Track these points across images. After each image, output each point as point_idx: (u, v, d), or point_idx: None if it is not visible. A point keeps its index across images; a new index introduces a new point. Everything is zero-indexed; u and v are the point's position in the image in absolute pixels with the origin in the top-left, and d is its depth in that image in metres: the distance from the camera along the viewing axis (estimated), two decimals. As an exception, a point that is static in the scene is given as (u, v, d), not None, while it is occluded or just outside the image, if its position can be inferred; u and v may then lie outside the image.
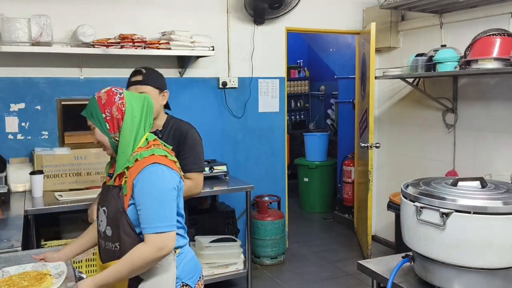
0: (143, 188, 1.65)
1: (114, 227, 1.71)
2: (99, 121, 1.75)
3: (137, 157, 1.69)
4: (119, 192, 1.70)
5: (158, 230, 1.63)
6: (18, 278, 1.64)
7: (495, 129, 3.73)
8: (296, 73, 8.21)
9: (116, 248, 1.70)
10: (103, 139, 1.76)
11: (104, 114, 1.74)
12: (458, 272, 1.60)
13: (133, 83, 2.36)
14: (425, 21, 4.29)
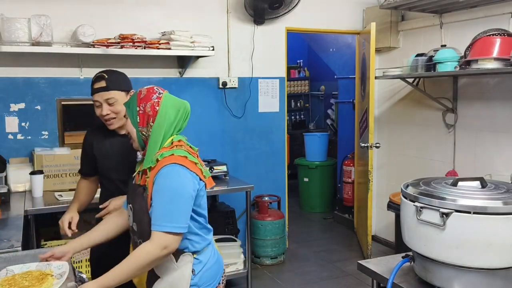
0: (158, 187, 1.69)
1: (139, 224, 1.79)
2: (132, 112, 1.82)
3: (158, 157, 1.73)
4: (144, 192, 1.76)
5: (165, 230, 1.65)
6: (20, 277, 1.65)
7: (495, 129, 3.73)
8: (296, 73, 8.21)
9: (141, 243, 1.74)
10: (132, 130, 1.83)
11: (138, 107, 1.80)
12: (458, 272, 1.59)
13: (97, 90, 2.22)
14: (425, 21, 4.29)
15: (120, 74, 2.34)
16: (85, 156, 2.46)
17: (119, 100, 2.22)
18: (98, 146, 2.35)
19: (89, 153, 2.40)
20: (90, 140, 2.40)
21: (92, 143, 2.38)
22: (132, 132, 1.84)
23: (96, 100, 2.24)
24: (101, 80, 2.22)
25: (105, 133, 2.34)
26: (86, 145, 2.44)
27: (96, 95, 2.23)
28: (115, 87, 2.25)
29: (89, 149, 2.40)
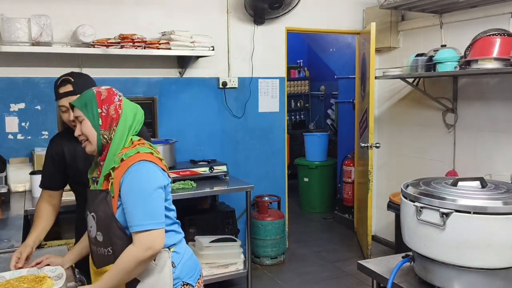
0: (129, 186, 1.63)
1: (105, 232, 1.68)
2: (92, 114, 1.71)
3: (123, 157, 1.67)
4: (107, 196, 1.67)
5: (145, 228, 1.60)
6: (17, 281, 1.64)
7: (495, 129, 3.73)
8: (296, 73, 8.21)
9: (109, 253, 1.68)
10: (91, 133, 1.72)
11: (100, 109, 1.72)
12: (458, 272, 1.59)
13: (64, 94, 2.10)
14: (425, 21, 4.28)
15: (85, 76, 2.23)
16: (52, 167, 2.26)
17: None
18: (69, 152, 2.22)
19: (58, 161, 2.23)
20: (58, 147, 2.24)
21: (61, 150, 2.23)
22: (91, 135, 1.72)
23: (63, 105, 2.11)
24: (67, 84, 2.11)
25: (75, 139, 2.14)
26: (53, 154, 2.25)
27: (63, 100, 2.11)
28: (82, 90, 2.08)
29: (59, 157, 2.23)
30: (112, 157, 1.69)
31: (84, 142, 1.75)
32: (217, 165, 3.90)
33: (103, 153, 1.73)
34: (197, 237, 3.78)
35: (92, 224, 1.73)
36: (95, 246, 1.74)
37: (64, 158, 2.22)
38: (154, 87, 4.04)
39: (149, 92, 4.02)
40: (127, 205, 1.63)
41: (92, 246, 1.78)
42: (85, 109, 1.72)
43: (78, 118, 1.74)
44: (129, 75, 3.94)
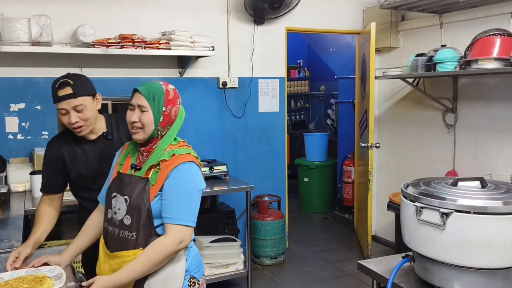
0: (178, 181, 1.73)
1: (135, 217, 1.74)
2: (157, 110, 1.78)
3: (174, 152, 1.77)
4: (146, 185, 1.75)
5: (184, 223, 1.70)
6: (16, 282, 1.64)
7: (495, 129, 3.73)
8: (296, 73, 8.21)
9: (133, 238, 1.73)
10: (150, 125, 1.77)
11: (165, 108, 1.79)
12: (458, 272, 1.59)
13: (64, 97, 2.04)
14: (425, 21, 4.28)
15: (84, 78, 2.18)
16: (51, 171, 2.21)
17: (88, 106, 2.08)
18: (69, 155, 2.19)
19: (57, 165, 2.20)
20: (57, 151, 2.20)
21: (61, 154, 2.19)
22: (148, 127, 1.77)
23: (62, 108, 2.06)
24: (66, 87, 2.04)
25: (74, 141, 2.20)
26: (52, 158, 2.20)
27: (63, 103, 2.05)
28: (82, 92, 2.07)
29: (59, 162, 2.19)
30: (160, 150, 1.78)
31: (136, 129, 1.79)
32: (217, 165, 3.90)
33: (148, 145, 1.81)
34: (197, 237, 3.78)
35: (121, 207, 1.77)
36: (118, 228, 1.78)
37: (64, 162, 2.19)
38: (154, 87, 4.03)
39: (149, 92, 4.01)
40: (171, 198, 1.72)
41: (111, 228, 1.81)
42: (152, 102, 1.77)
43: (141, 107, 1.77)
44: (129, 75, 3.94)
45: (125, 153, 1.91)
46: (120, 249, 1.75)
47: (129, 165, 1.85)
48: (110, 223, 1.82)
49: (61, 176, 2.21)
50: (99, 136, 2.20)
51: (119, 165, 1.89)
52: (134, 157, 1.87)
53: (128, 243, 1.74)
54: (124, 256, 1.73)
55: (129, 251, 1.73)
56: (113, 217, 1.81)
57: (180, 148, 1.81)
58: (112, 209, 1.82)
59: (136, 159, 1.85)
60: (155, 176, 1.75)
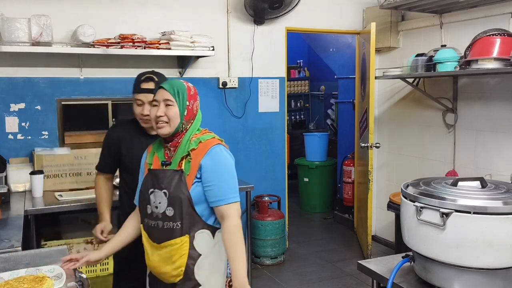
0: (216, 165, 1.86)
1: (177, 207, 1.86)
2: (182, 104, 1.89)
3: (200, 139, 1.89)
4: (182, 175, 1.86)
5: (236, 200, 1.87)
6: (16, 281, 1.63)
7: (495, 129, 3.73)
8: (296, 73, 8.21)
9: (178, 227, 1.86)
10: (175, 119, 1.88)
11: (188, 102, 1.91)
12: (458, 272, 1.59)
13: (146, 90, 2.30)
14: (425, 21, 4.28)
15: (163, 76, 2.42)
16: (107, 152, 2.49)
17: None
18: (126, 144, 2.41)
19: (113, 149, 2.44)
20: (117, 136, 2.45)
21: (119, 139, 2.42)
22: (174, 120, 1.88)
23: (140, 99, 2.30)
24: (150, 81, 2.30)
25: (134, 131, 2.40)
26: (110, 141, 2.47)
27: (142, 95, 2.29)
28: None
29: (115, 145, 2.43)
30: (187, 142, 1.90)
31: (162, 123, 1.88)
32: (217, 165, 3.89)
33: (174, 139, 1.92)
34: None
35: (162, 200, 1.88)
36: (162, 220, 1.89)
37: (120, 149, 2.42)
38: (154, 87, 4.03)
39: (149, 92, 4.01)
40: (215, 182, 1.85)
41: (153, 222, 1.92)
42: (178, 97, 1.89)
43: (167, 101, 1.88)
44: (129, 75, 3.92)
45: (151, 154, 2.01)
46: (167, 239, 1.87)
47: (158, 163, 1.95)
48: (151, 217, 1.92)
49: (114, 160, 2.46)
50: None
51: (148, 165, 1.99)
52: (161, 154, 1.96)
53: (174, 232, 1.86)
54: (172, 245, 1.86)
55: (176, 239, 1.85)
56: (153, 211, 1.91)
57: (204, 135, 1.93)
58: (151, 204, 1.92)
59: (164, 156, 1.95)
60: (188, 166, 1.86)
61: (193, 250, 1.87)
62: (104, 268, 3.52)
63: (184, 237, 1.86)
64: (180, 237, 1.86)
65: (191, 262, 1.87)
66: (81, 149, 3.66)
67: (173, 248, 1.86)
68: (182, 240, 1.86)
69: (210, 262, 1.91)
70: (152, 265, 1.94)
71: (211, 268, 1.91)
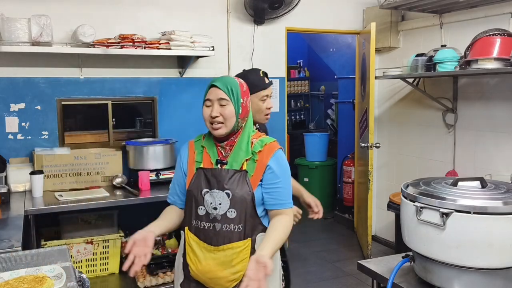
0: (283, 168, 1.85)
1: (240, 209, 1.80)
2: (236, 102, 1.84)
3: (265, 142, 1.86)
4: (246, 177, 1.82)
5: (292, 205, 1.88)
6: (16, 282, 1.63)
7: (495, 129, 3.73)
8: (296, 73, 8.20)
9: (239, 230, 1.81)
10: (231, 118, 1.82)
11: (242, 99, 1.86)
12: (458, 272, 1.59)
13: (270, 84, 2.41)
14: (425, 21, 4.29)
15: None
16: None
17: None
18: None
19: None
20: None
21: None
22: (230, 120, 1.82)
23: (267, 94, 2.36)
24: (265, 76, 2.38)
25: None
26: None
27: (268, 90, 2.36)
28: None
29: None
30: (246, 143, 1.85)
31: (218, 124, 1.83)
32: (217, 165, 3.89)
33: (230, 139, 1.87)
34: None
35: (223, 201, 1.81)
36: (221, 223, 1.81)
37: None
38: (154, 87, 4.03)
39: (149, 92, 4.02)
40: (280, 185, 1.83)
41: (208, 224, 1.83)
42: (232, 95, 1.83)
43: (222, 101, 1.83)
44: (129, 75, 3.94)
45: (199, 151, 1.93)
46: (227, 242, 1.81)
47: (209, 161, 1.87)
48: (206, 219, 1.83)
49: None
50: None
51: (196, 163, 1.90)
52: (214, 152, 1.89)
53: (234, 235, 1.80)
54: (234, 248, 1.80)
55: (238, 242, 1.80)
56: (211, 212, 1.82)
57: (264, 137, 1.90)
58: (207, 205, 1.83)
59: (217, 154, 1.88)
60: (253, 167, 1.82)
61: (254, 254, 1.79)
62: (104, 268, 3.52)
63: (247, 240, 1.81)
64: (243, 240, 1.80)
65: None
66: (81, 149, 3.66)
67: (235, 251, 1.79)
68: (245, 244, 1.80)
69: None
70: (206, 269, 1.83)
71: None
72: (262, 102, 2.35)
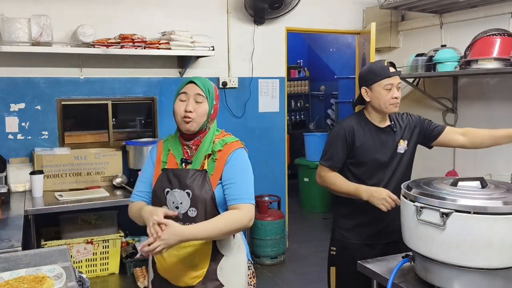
0: (238, 166, 1.86)
1: (200, 208, 1.81)
2: (211, 102, 1.88)
3: (226, 141, 1.90)
4: (206, 176, 1.83)
5: (252, 202, 1.87)
6: (16, 281, 1.63)
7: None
8: (296, 73, 8.20)
9: None
10: (203, 117, 1.86)
11: (215, 101, 1.91)
12: (458, 272, 1.59)
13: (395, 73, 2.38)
14: (425, 21, 4.28)
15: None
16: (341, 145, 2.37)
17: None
18: (359, 135, 2.36)
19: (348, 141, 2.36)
20: (351, 128, 2.38)
21: (353, 132, 2.37)
22: (201, 118, 1.84)
23: (391, 83, 2.34)
24: (391, 66, 2.36)
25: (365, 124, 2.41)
26: (345, 133, 2.37)
27: (392, 78, 2.35)
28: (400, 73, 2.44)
29: (350, 136, 2.36)
30: (209, 143, 1.89)
31: (189, 119, 1.83)
32: (217, 165, 3.89)
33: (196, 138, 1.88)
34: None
35: (184, 200, 1.83)
36: (183, 221, 1.81)
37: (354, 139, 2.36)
38: (154, 87, 4.04)
39: (149, 92, 4.02)
40: (235, 181, 1.85)
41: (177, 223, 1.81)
42: (208, 95, 1.87)
43: (199, 97, 1.85)
44: (129, 75, 3.94)
45: (165, 151, 1.93)
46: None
47: (174, 161, 1.88)
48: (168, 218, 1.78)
49: (346, 153, 2.36)
50: (386, 126, 2.42)
51: (162, 163, 1.90)
52: (179, 152, 1.90)
53: None
54: (195, 245, 1.80)
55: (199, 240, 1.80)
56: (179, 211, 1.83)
57: (227, 137, 1.94)
58: (169, 204, 1.84)
59: (183, 154, 1.89)
60: (213, 166, 1.84)
61: (216, 251, 1.84)
62: (104, 268, 3.52)
63: None
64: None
65: (214, 263, 1.84)
66: (81, 149, 3.66)
67: (196, 249, 1.81)
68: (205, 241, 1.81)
69: (232, 262, 1.89)
70: (169, 267, 1.85)
71: (233, 268, 1.90)
72: (386, 91, 2.33)
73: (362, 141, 2.34)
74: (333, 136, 2.41)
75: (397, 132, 2.43)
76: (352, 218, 2.43)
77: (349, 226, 2.45)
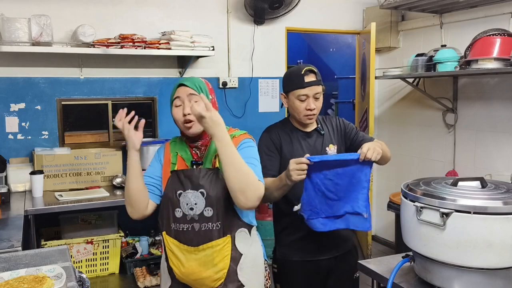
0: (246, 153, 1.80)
1: (216, 207, 1.78)
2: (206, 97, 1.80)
3: (234, 135, 1.86)
4: (218, 174, 1.79)
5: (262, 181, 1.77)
6: (16, 281, 1.63)
7: (495, 129, 3.73)
8: (296, 73, 8.19)
9: (218, 227, 1.78)
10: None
11: (211, 96, 1.87)
12: (458, 272, 1.59)
13: (310, 83, 2.17)
14: (425, 21, 4.29)
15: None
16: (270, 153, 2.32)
17: (321, 96, 2.23)
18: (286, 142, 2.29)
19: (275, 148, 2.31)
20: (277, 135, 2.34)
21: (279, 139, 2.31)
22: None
23: (305, 94, 2.17)
24: (311, 74, 2.18)
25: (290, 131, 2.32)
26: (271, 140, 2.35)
27: (307, 89, 2.17)
28: (321, 82, 2.23)
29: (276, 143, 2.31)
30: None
31: (190, 123, 1.81)
32: (217, 165, 3.89)
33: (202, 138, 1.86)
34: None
35: (198, 201, 1.79)
36: (199, 222, 1.78)
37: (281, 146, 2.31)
38: (154, 87, 4.04)
39: (149, 92, 4.02)
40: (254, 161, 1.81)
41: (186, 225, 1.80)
42: (201, 91, 1.83)
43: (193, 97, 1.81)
44: (129, 75, 3.94)
45: (173, 153, 1.90)
46: (206, 241, 1.78)
47: (183, 164, 1.86)
48: (183, 221, 1.81)
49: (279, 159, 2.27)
50: (312, 130, 2.30)
51: (172, 165, 1.87)
52: (187, 154, 1.87)
53: (214, 234, 1.78)
54: (214, 246, 1.78)
55: (217, 240, 1.78)
56: (187, 213, 1.80)
57: (235, 131, 1.89)
58: (183, 206, 1.80)
59: (192, 156, 1.87)
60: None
61: (235, 250, 1.82)
62: (104, 268, 3.52)
63: (226, 237, 1.79)
64: (222, 238, 1.78)
65: (234, 263, 1.81)
66: (81, 149, 3.66)
67: (215, 250, 1.78)
68: (224, 241, 1.78)
69: (251, 261, 1.87)
70: (189, 271, 1.81)
71: (252, 267, 1.88)
72: (299, 102, 2.19)
73: (289, 148, 2.26)
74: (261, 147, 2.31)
75: (325, 136, 2.30)
76: (291, 234, 2.25)
77: (287, 242, 2.27)
